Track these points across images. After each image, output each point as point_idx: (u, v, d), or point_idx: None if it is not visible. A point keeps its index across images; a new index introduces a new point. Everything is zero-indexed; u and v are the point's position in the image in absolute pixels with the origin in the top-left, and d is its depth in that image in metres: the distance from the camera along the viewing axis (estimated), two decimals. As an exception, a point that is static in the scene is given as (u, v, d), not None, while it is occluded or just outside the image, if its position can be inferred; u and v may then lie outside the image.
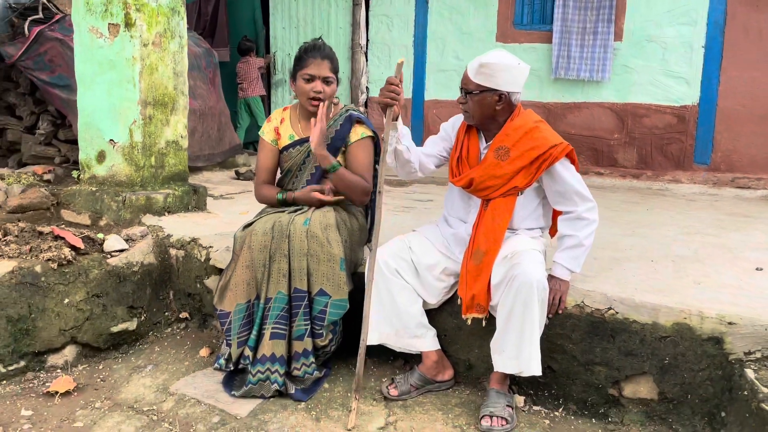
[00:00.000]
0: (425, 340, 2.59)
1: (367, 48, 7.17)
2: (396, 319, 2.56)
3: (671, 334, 2.31)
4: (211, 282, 3.27)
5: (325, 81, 2.75)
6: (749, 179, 5.61)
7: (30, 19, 4.90)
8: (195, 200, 3.90)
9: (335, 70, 2.80)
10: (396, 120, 2.49)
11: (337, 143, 2.83)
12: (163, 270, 3.34)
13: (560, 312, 2.45)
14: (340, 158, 2.84)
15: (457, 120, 2.69)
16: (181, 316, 3.36)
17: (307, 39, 8.01)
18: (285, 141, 2.91)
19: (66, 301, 2.88)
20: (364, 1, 7.15)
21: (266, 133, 2.96)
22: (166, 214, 3.69)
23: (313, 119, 2.70)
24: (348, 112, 2.87)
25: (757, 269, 2.97)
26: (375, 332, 2.57)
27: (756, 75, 5.53)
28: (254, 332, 2.64)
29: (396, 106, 2.45)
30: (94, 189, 3.66)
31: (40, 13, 4.97)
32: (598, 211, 2.53)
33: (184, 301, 3.38)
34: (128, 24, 3.47)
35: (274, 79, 7.96)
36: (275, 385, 2.55)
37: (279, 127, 2.94)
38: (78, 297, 2.92)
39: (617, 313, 2.41)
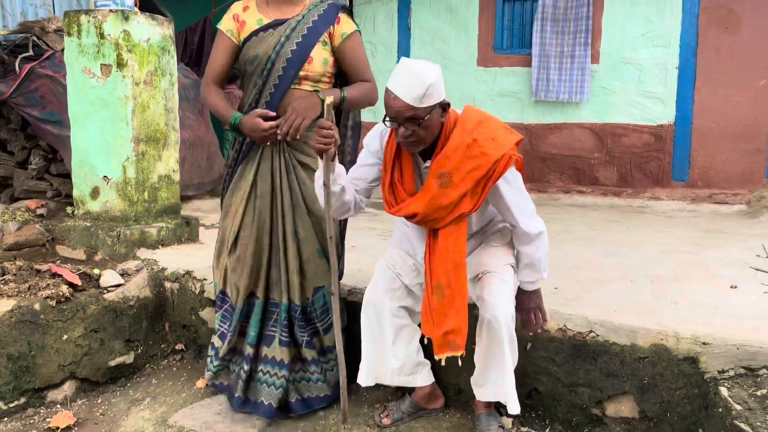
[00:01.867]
0: (421, 376, 2.60)
1: (351, 74, 7.33)
2: (394, 360, 2.50)
3: (649, 355, 2.43)
4: (206, 314, 3.35)
5: None
6: (726, 195, 5.79)
7: (21, 56, 4.98)
8: (188, 232, 3.99)
9: None
10: (333, 161, 2.22)
11: (320, 28, 2.46)
12: (158, 303, 3.42)
13: (544, 323, 2.48)
14: (322, 50, 2.48)
15: (383, 133, 2.35)
16: (177, 347, 3.43)
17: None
18: (252, 27, 2.48)
19: (65, 337, 2.95)
20: (348, 28, 7.31)
21: (224, 22, 2.53)
22: (160, 247, 3.77)
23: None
24: (327, 1, 2.52)
25: (731, 287, 3.10)
26: (371, 373, 2.53)
27: (728, 94, 5.72)
28: (255, 330, 2.69)
29: (332, 148, 2.18)
30: (88, 224, 3.74)
31: (31, 50, 5.05)
32: (581, 230, 2.61)
33: (179, 333, 3.45)
34: (120, 64, 3.58)
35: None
36: (280, 390, 2.64)
37: (240, 14, 2.51)
38: (76, 333, 3.00)
39: (598, 335, 2.53)
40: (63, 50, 4.98)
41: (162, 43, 3.78)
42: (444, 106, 2.17)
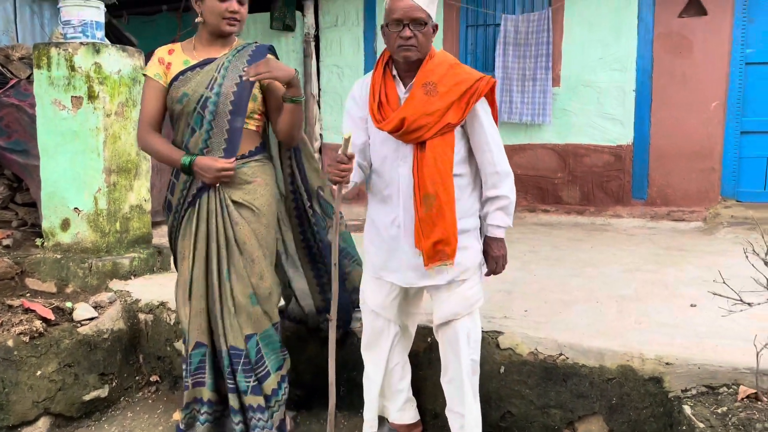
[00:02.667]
0: (409, 413, 2.71)
1: (319, 97, 7.40)
2: (388, 395, 2.66)
3: (617, 376, 2.54)
4: (181, 344, 3.35)
5: (240, 2, 2.43)
6: (683, 212, 6.01)
7: (-16, 85, 4.92)
8: (160, 261, 3.99)
9: None
10: (344, 193, 2.34)
11: (247, 85, 2.45)
12: (132, 335, 3.41)
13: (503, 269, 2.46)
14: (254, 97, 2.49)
15: (361, 82, 2.45)
16: (151, 379, 3.42)
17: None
18: (178, 67, 2.46)
19: (38, 373, 2.93)
20: (315, 52, 7.40)
21: (150, 68, 2.48)
22: (132, 277, 3.76)
23: None
24: (254, 43, 2.58)
25: (691, 305, 3.25)
26: (370, 412, 2.65)
27: (683, 115, 5.97)
28: (211, 378, 2.64)
29: (347, 180, 2.25)
30: (59, 257, 3.71)
31: (-5, 78, 4.99)
32: (547, 250, 2.71)
33: (154, 364, 3.44)
34: (91, 96, 3.58)
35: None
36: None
37: (165, 57, 2.50)
38: (50, 368, 2.97)
39: (568, 358, 2.63)
40: (28, 78, 4.95)
41: (133, 74, 3.80)
42: (435, 27, 2.28)
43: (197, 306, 2.58)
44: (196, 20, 2.42)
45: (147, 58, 8.22)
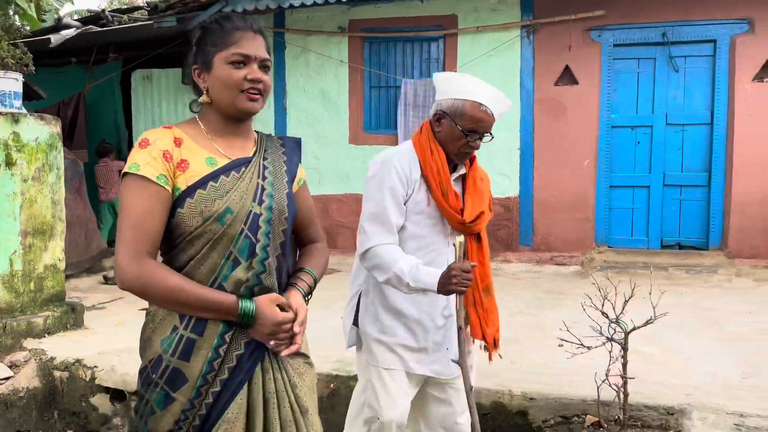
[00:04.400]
0: None
1: (230, 149, 7.70)
2: None
3: (491, 411, 2.99)
4: (97, 400, 3.52)
5: (263, 66, 1.63)
6: (564, 257, 6.72)
7: None
8: (73, 318, 4.13)
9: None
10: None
11: (294, 170, 1.77)
12: (47, 392, 3.54)
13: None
14: None
15: (411, 160, 2.21)
16: (67, 434, 3.55)
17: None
18: (201, 168, 1.57)
19: (-46, 435, 3.03)
20: (226, 106, 7.70)
21: (144, 165, 1.53)
22: (47, 336, 3.89)
23: None
24: (278, 135, 1.85)
25: (559, 345, 3.78)
26: None
27: (561, 171, 6.73)
28: None
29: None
30: (-29, 317, 3.79)
31: None
32: None
33: (68, 420, 3.58)
34: (9, 163, 3.75)
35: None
36: None
37: (172, 150, 1.57)
38: (-34, 430, 3.08)
39: (451, 397, 3.05)
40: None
41: (50, 140, 3.99)
42: None
43: None
44: (199, 100, 1.64)
45: (58, 110, 8.27)
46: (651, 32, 6.51)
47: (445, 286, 2.00)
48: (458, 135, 2.16)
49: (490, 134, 2.20)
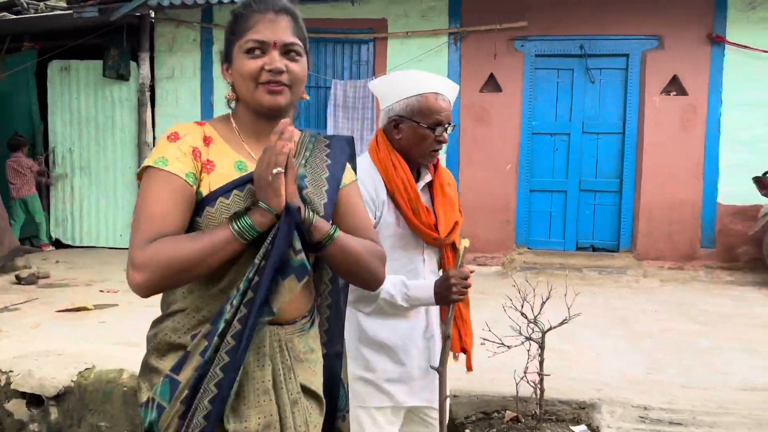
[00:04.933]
0: None
1: (154, 146, 7.49)
2: None
3: (416, 409, 3.09)
4: (12, 405, 3.38)
5: (288, 51, 1.41)
6: (486, 258, 6.96)
7: None
8: (-15, 321, 3.94)
9: (303, 37, 1.45)
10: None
11: (339, 174, 1.54)
12: (-43, 399, 3.38)
13: None
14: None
15: (373, 180, 1.99)
16: (-22, 443, 3.40)
17: (90, 137, 8.21)
18: (228, 172, 1.41)
19: None
20: (150, 101, 7.50)
21: (175, 159, 1.36)
22: (-44, 339, 3.70)
23: (273, 139, 1.29)
24: (320, 133, 1.68)
25: (480, 343, 3.94)
26: None
27: (484, 175, 6.96)
28: None
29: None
30: None
31: None
32: None
33: (-20, 427, 3.43)
34: None
35: (55, 173, 7.86)
36: None
37: (201, 149, 1.41)
38: None
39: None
40: None
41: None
42: None
43: None
44: (226, 96, 1.50)
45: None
46: (570, 45, 6.85)
47: (443, 297, 1.91)
48: (423, 134, 1.98)
49: (450, 124, 2.00)
